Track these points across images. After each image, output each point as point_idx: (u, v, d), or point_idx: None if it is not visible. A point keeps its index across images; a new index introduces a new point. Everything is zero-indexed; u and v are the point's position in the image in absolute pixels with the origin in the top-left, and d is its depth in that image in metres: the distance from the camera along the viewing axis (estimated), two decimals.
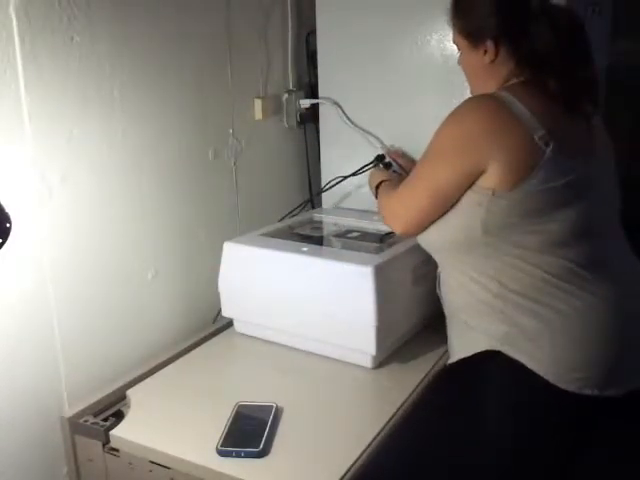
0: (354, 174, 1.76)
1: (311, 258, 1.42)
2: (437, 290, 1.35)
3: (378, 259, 1.38)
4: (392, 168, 1.65)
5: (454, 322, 1.31)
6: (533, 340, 1.16)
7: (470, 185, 1.15)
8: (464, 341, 1.27)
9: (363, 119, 1.83)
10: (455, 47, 1.32)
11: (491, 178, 1.13)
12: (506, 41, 1.21)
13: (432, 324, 1.50)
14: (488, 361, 1.21)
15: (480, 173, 1.14)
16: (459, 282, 1.24)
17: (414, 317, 1.52)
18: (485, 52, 1.22)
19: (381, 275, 1.33)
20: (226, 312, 1.57)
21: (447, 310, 1.33)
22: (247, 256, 1.50)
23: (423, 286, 1.48)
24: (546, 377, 1.14)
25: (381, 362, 1.41)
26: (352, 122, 1.83)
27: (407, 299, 1.47)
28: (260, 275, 1.47)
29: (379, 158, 1.69)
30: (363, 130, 1.81)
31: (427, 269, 1.43)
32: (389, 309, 1.36)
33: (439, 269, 1.33)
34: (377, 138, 1.80)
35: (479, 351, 1.22)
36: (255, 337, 1.54)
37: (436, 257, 1.31)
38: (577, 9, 1.43)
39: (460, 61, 1.33)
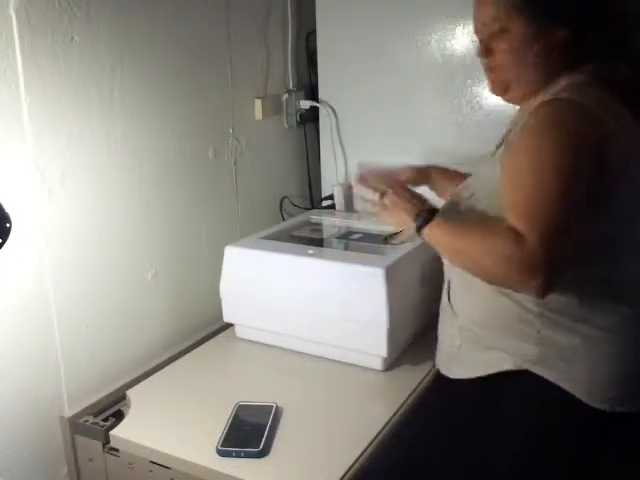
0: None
1: (320, 261, 1.40)
2: (447, 300, 1.25)
3: (388, 260, 1.36)
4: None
5: (469, 335, 1.20)
6: (567, 358, 1.10)
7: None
8: (483, 358, 1.18)
9: (363, 119, 1.83)
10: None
11: None
12: (585, 24, 1.06)
13: (436, 325, 1.49)
14: (509, 380, 1.14)
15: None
16: (491, 298, 1.13)
17: (422, 317, 1.50)
18: (551, 37, 1.07)
19: (392, 276, 1.32)
20: (228, 318, 1.54)
21: (458, 322, 1.22)
22: (251, 260, 1.47)
23: (429, 285, 1.46)
24: (579, 396, 1.09)
25: (390, 363, 1.40)
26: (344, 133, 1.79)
27: (416, 299, 1.46)
28: (266, 279, 1.44)
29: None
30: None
31: (433, 267, 1.41)
32: (399, 310, 1.35)
33: (448, 276, 1.25)
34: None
35: (502, 370, 1.15)
36: (255, 340, 1.53)
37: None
38: None
39: (499, 47, 1.11)
